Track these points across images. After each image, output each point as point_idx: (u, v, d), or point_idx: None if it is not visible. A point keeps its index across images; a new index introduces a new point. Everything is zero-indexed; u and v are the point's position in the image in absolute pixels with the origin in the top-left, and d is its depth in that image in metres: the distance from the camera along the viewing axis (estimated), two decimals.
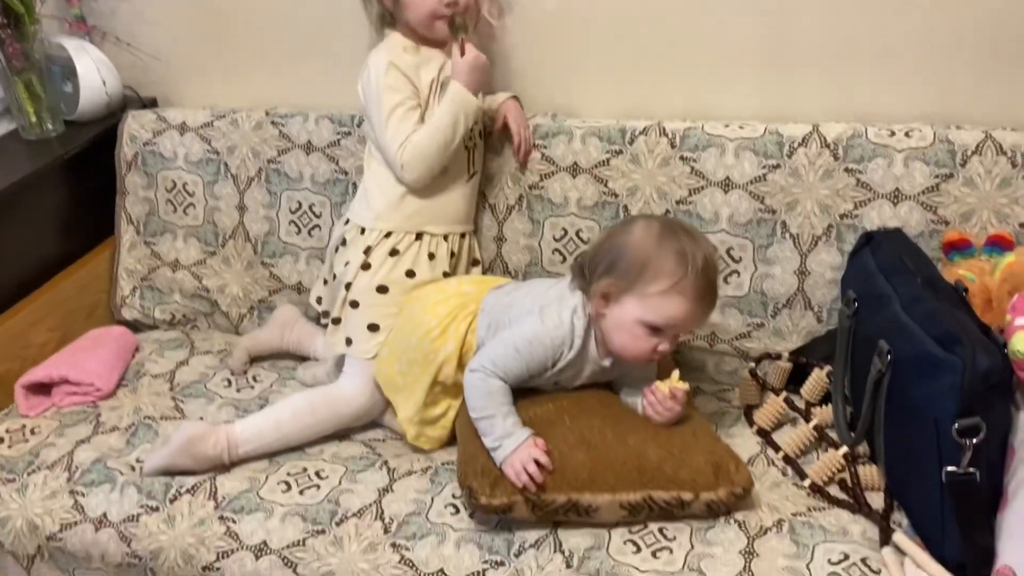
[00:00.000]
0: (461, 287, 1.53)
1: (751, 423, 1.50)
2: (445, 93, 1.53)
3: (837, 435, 1.40)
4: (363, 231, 1.59)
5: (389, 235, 1.57)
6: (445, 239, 1.60)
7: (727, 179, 1.56)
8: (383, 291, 1.55)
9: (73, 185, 1.91)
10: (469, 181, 1.62)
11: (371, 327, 1.54)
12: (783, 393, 1.50)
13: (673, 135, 1.59)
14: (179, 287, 1.93)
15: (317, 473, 1.45)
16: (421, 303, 1.50)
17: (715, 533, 1.27)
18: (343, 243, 1.62)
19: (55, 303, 1.84)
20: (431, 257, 1.58)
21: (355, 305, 1.56)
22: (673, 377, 1.34)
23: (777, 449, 1.43)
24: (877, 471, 1.33)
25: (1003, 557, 1.09)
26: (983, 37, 1.50)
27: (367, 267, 1.56)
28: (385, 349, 1.52)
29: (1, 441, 1.58)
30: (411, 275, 1.56)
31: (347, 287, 1.57)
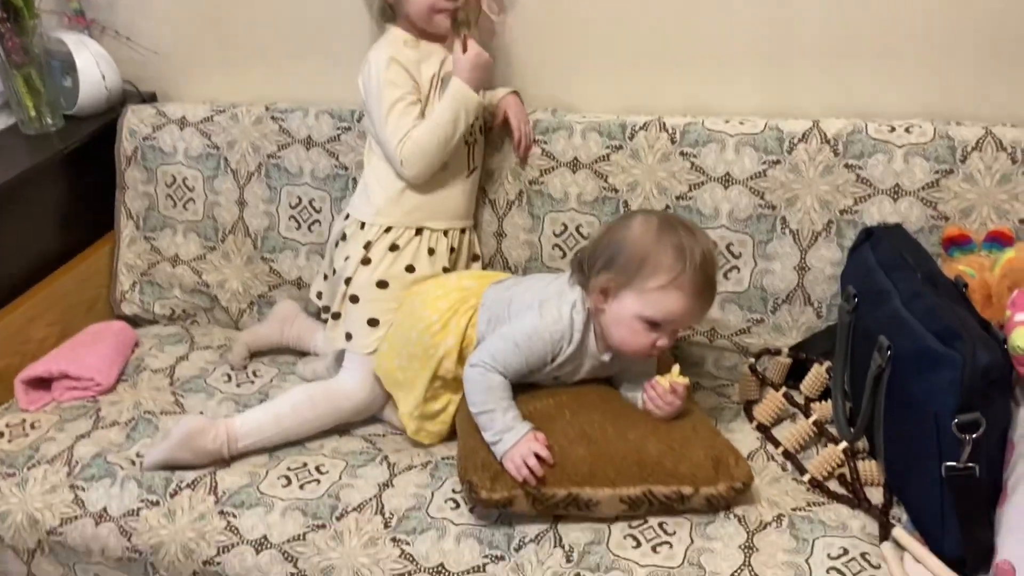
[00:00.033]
0: (462, 282, 1.53)
1: (751, 418, 1.50)
2: (446, 89, 1.54)
3: (837, 430, 1.40)
4: (363, 226, 1.59)
5: (389, 230, 1.57)
6: (445, 234, 1.60)
7: (727, 175, 1.56)
8: (383, 286, 1.55)
9: (72, 180, 1.91)
10: (469, 177, 1.62)
11: (371, 322, 1.54)
12: (783, 389, 1.50)
13: (673, 130, 1.59)
14: (179, 282, 1.93)
15: (317, 468, 1.45)
16: (422, 297, 1.50)
17: (715, 528, 1.27)
18: (343, 238, 1.62)
19: (55, 298, 1.84)
20: (431, 252, 1.58)
21: (355, 300, 1.56)
22: (673, 371, 1.34)
23: (777, 444, 1.43)
24: (877, 466, 1.33)
25: (1002, 552, 1.09)
26: (983, 34, 1.50)
27: (367, 262, 1.56)
28: (385, 344, 1.52)
29: (1, 436, 1.58)
30: (411, 270, 1.56)
31: (347, 282, 1.57)
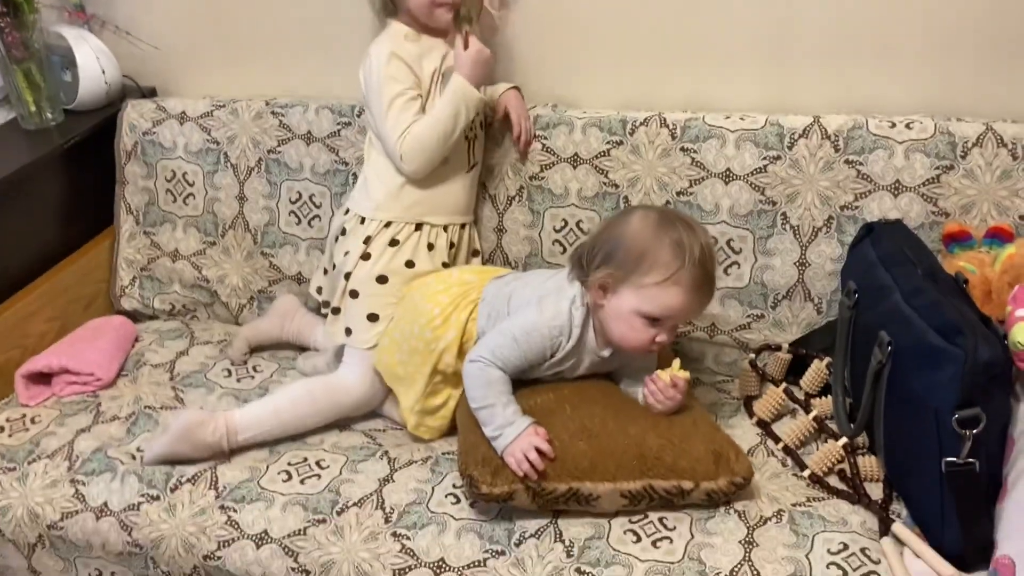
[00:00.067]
0: (463, 276, 1.53)
1: (751, 414, 1.50)
2: (447, 84, 1.53)
3: (837, 426, 1.40)
4: (363, 221, 1.59)
5: (389, 225, 1.57)
6: (445, 230, 1.60)
7: (728, 170, 1.56)
8: (383, 281, 1.55)
9: (72, 175, 1.91)
10: (469, 172, 1.62)
11: (371, 317, 1.54)
12: (783, 384, 1.51)
13: (674, 126, 1.59)
14: (179, 277, 1.93)
15: (318, 463, 1.45)
16: (422, 292, 1.50)
17: (715, 523, 1.28)
18: (343, 233, 1.62)
19: (54, 293, 1.83)
20: (430, 247, 1.58)
21: (355, 295, 1.56)
22: (674, 366, 1.34)
23: (777, 440, 1.43)
24: (876, 462, 1.33)
25: (1002, 547, 1.09)
26: (984, 29, 1.50)
27: (367, 257, 1.56)
28: (386, 338, 1.52)
29: (2, 430, 1.58)
30: (411, 265, 1.56)
31: (347, 277, 1.57)
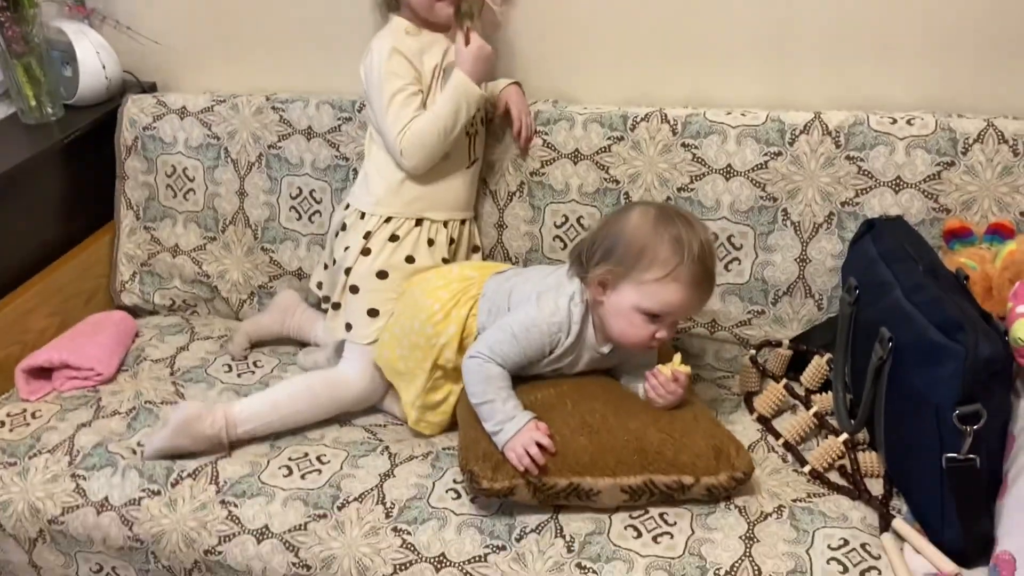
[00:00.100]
0: (463, 272, 1.53)
1: (751, 410, 1.50)
2: (448, 79, 1.53)
3: (837, 422, 1.40)
4: (363, 216, 1.59)
5: (389, 220, 1.57)
6: (445, 225, 1.60)
7: (728, 166, 1.56)
8: (383, 276, 1.55)
9: (72, 169, 1.91)
10: (470, 168, 1.62)
11: (371, 312, 1.54)
12: (783, 380, 1.51)
13: (675, 122, 1.59)
14: (179, 272, 1.93)
15: (318, 458, 1.46)
16: (423, 287, 1.50)
17: (716, 518, 1.28)
18: (343, 228, 1.62)
19: (54, 288, 1.83)
20: (430, 243, 1.58)
21: (355, 290, 1.56)
22: (675, 360, 1.34)
23: (777, 436, 1.43)
24: (877, 457, 1.33)
25: (1002, 543, 1.10)
26: (985, 26, 1.50)
27: (367, 252, 1.56)
28: (386, 334, 1.52)
29: (2, 425, 1.58)
30: (411, 261, 1.56)
31: (347, 272, 1.57)
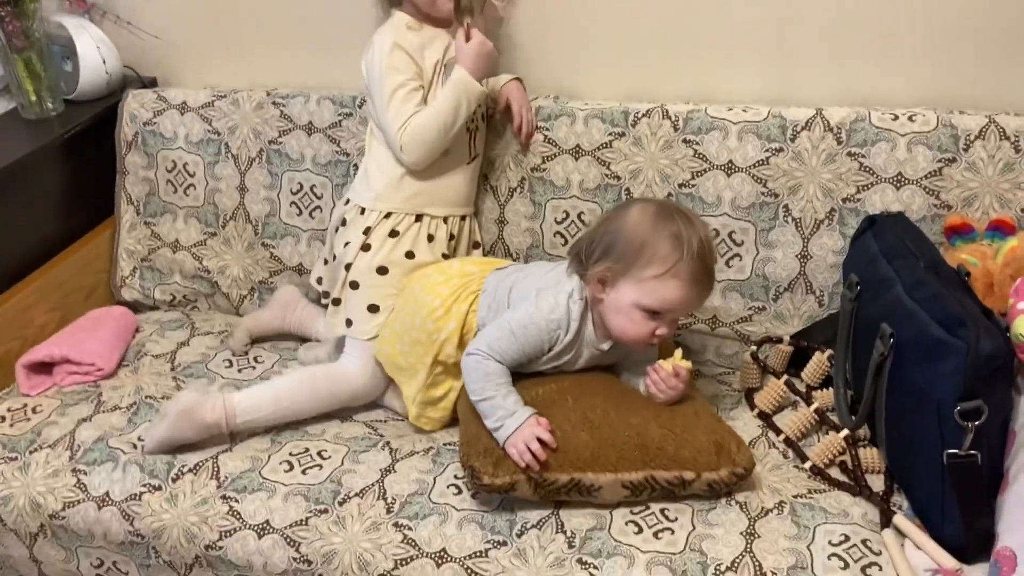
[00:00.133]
0: (464, 267, 1.53)
1: (752, 406, 1.50)
2: (449, 75, 1.53)
3: (838, 418, 1.40)
4: (363, 211, 1.59)
5: (389, 216, 1.57)
6: (445, 221, 1.60)
7: (730, 162, 1.56)
8: (383, 272, 1.55)
9: (73, 165, 1.90)
10: (470, 164, 1.62)
11: (371, 308, 1.54)
12: (784, 376, 1.50)
13: (676, 118, 1.59)
14: (179, 268, 1.92)
15: (319, 453, 1.46)
16: (423, 283, 1.50)
17: (716, 514, 1.28)
18: (343, 223, 1.62)
19: (55, 283, 1.83)
20: (430, 239, 1.58)
21: (355, 286, 1.56)
22: (676, 355, 1.34)
23: (778, 432, 1.43)
24: (878, 454, 1.33)
25: (1003, 539, 1.10)
26: (986, 22, 1.50)
27: (367, 248, 1.56)
28: (387, 329, 1.52)
29: (3, 420, 1.58)
30: (411, 256, 1.56)
31: (347, 268, 1.57)
